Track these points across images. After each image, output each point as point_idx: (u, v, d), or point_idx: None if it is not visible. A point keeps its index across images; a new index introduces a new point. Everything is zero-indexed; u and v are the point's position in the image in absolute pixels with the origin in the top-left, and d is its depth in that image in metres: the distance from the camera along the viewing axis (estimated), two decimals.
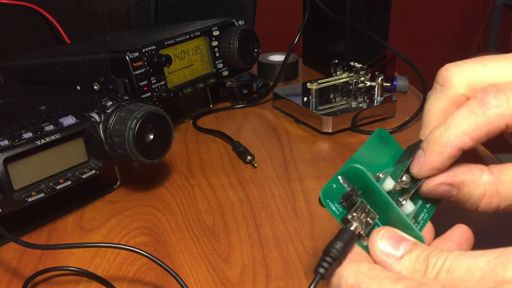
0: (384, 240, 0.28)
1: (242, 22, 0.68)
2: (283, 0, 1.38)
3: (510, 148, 1.19)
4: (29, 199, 0.43)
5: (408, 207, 0.31)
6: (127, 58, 0.55)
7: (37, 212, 0.48)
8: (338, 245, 0.28)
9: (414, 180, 0.33)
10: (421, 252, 0.27)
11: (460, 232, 0.32)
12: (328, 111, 0.65)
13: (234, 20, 0.68)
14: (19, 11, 0.80)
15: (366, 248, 0.29)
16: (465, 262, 0.25)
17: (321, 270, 0.27)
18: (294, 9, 0.99)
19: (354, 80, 0.69)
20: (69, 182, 0.45)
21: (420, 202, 0.33)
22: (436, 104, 0.33)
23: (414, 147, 0.34)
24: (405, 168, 0.32)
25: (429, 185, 0.32)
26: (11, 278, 0.41)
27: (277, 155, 0.60)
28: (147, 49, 0.57)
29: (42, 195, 0.44)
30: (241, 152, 0.60)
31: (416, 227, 0.32)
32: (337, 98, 0.69)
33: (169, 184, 0.55)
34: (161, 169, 0.58)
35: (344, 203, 0.30)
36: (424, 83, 0.70)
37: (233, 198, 0.52)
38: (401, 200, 0.31)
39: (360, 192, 0.30)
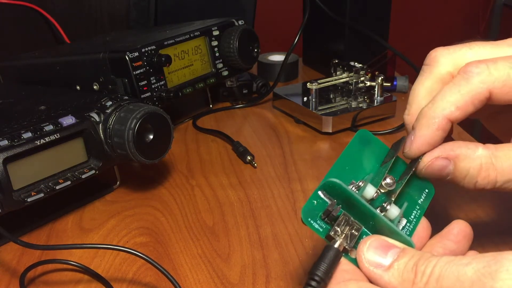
0: (371, 250, 0.28)
1: (242, 22, 0.68)
2: (283, 0, 1.38)
3: None
4: (29, 199, 0.43)
5: (393, 211, 0.31)
6: (127, 58, 0.55)
7: (36, 212, 0.48)
8: (323, 266, 0.27)
9: (404, 173, 0.32)
10: (409, 259, 0.27)
11: (458, 229, 0.31)
12: (328, 111, 0.65)
13: (234, 20, 0.68)
14: (19, 11, 0.80)
15: (355, 261, 0.29)
16: (454, 270, 0.25)
17: None
18: (294, 9, 0.99)
19: (354, 80, 0.69)
20: (69, 182, 0.45)
21: (410, 199, 0.33)
22: (422, 82, 0.34)
23: (398, 144, 0.34)
24: (387, 170, 0.31)
25: (425, 161, 0.32)
26: (11, 278, 0.41)
27: (277, 155, 0.60)
28: (146, 49, 0.57)
29: (42, 195, 0.43)
30: (241, 152, 0.59)
31: (409, 226, 0.31)
32: (337, 98, 0.69)
33: (169, 184, 0.55)
34: (161, 169, 0.57)
35: (326, 219, 0.29)
36: None
37: (233, 198, 0.52)
38: (386, 205, 0.31)
39: (340, 205, 0.29)
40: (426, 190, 0.34)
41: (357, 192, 0.30)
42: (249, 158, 0.58)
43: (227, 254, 0.43)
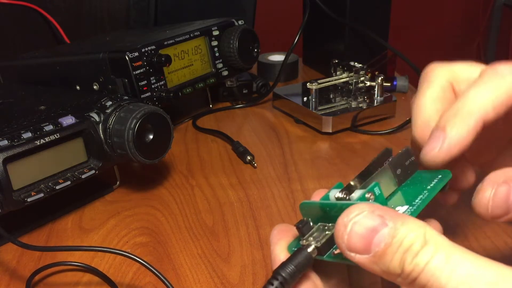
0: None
1: (242, 22, 0.68)
2: (283, 0, 1.38)
3: None
4: (29, 199, 0.43)
5: (357, 194, 0.29)
6: (127, 58, 0.55)
7: (36, 212, 0.48)
8: (290, 267, 0.27)
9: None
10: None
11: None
12: (328, 111, 0.65)
13: (234, 20, 0.68)
14: (19, 11, 0.80)
15: (337, 258, 0.27)
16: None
17: None
18: (294, 9, 0.99)
19: (354, 80, 0.69)
20: (69, 182, 0.45)
21: (415, 189, 0.31)
22: (424, 93, 0.31)
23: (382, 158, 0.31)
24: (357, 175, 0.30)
25: (485, 190, 0.26)
26: (11, 278, 0.41)
27: (277, 155, 0.60)
28: (146, 49, 0.57)
29: (42, 195, 0.43)
30: (241, 152, 0.59)
31: (411, 209, 0.29)
32: (337, 98, 0.69)
33: (168, 184, 0.55)
34: (160, 169, 0.57)
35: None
36: None
37: (233, 198, 0.52)
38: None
39: (311, 222, 0.29)
40: (439, 176, 0.31)
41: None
42: (249, 158, 0.58)
43: (227, 254, 0.43)
